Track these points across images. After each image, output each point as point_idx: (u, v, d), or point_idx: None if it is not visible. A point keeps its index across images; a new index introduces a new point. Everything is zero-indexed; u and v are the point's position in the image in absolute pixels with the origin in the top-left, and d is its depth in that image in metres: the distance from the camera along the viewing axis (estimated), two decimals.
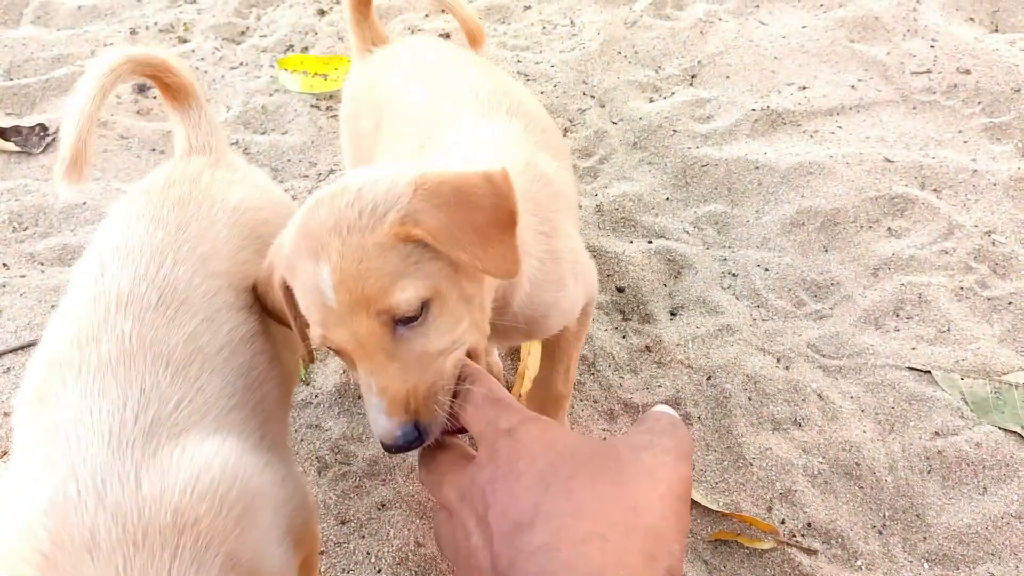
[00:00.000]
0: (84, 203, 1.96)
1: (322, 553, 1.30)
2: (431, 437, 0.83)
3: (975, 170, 1.90)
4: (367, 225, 0.83)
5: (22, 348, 1.65)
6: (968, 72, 2.20)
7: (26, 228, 1.92)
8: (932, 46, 2.30)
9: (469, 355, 0.90)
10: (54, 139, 2.15)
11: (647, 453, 0.69)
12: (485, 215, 0.85)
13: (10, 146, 2.12)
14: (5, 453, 1.48)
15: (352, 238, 0.82)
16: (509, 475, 0.69)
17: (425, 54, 1.43)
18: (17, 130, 2.16)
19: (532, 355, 1.55)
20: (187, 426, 0.80)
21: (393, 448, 0.82)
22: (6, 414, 1.54)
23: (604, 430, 1.47)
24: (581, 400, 1.51)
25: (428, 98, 1.27)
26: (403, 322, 0.83)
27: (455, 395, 0.84)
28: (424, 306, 0.83)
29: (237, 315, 0.96)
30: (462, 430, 0.83)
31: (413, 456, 1.34)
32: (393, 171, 0.88)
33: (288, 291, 0.90)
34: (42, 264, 1.84)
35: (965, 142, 2.01)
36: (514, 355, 1.61)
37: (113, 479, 0.72)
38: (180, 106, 1.15)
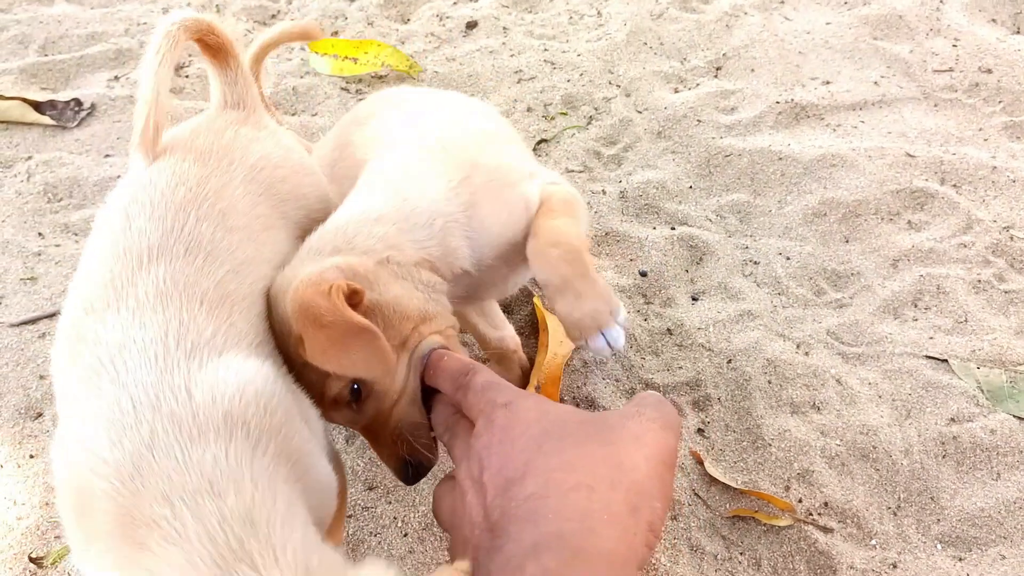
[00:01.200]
0: (117, 176, 2.00)
1: (350, 516, 1.34)
2: (426, 464, 0.99)
3: (994, 167, 1.92)
4: (285, 344, 0.97)
5: (56, 314, 1.69)
6: (990, 71, 2.22)
7: (61, 199, 1.97)
8: (955, 45, 2.32)
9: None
10: (88, 113, 2.20)
11: (634, 420, 0.74)
12: (336, 330, 0.89)
13: (46, 120, 2.17)
14: (40, 415, 1.53)
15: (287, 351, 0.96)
16: (504, 440, 0.73)
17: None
18: (52, 104, 2.20)
19: (552, 328, 1.58)
20: (226, 348, 0.84)
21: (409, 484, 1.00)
22: (42, 377, 1.58)
23: None
24: (604, 379, 1.55)
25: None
26: (353, 402, 0.97)
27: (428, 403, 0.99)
28: (357, 386, 0.96)
29: (258, 268, 0.99)
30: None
31: None
32: (283, 284, 0.98)
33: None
34: (76, 234, 1.88)
35: (985, 139, 2.03)
36: (532, 331, 1.64)
37: (165, 392, 0.76)
38: (219, 64, 1.17)
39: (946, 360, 1.54)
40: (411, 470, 0.98)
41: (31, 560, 1.32)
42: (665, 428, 0.73)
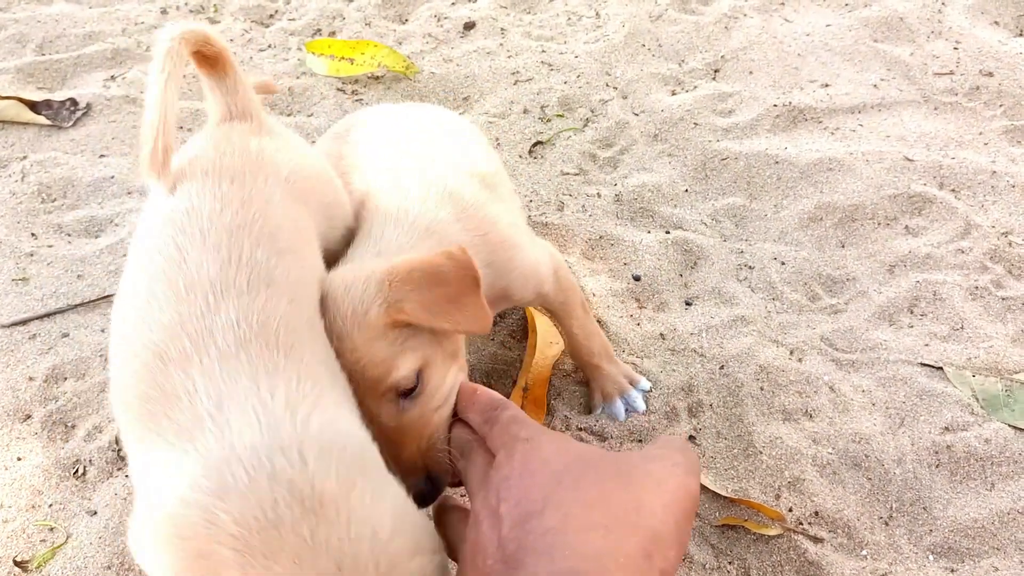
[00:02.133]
0: (112, 177, 2.00)
1: None
2: (444, 485, 0.97)
3: (994, 171, 1.90)
4: (355, 326, 0.96)
5: (48, 315, 1.69)
6: (991, 75, 2.20)
7: (54, 200, 1.96)
8: (956, 48, 2.30)
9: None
10: (84, 113, 2.19)
11: (657, 464, 0.73)
12: (455, 287, 0.99)
13: (41, 119, 2.17)
14: (28, 416, 1.52)
15: (347, 343, 0.95)
16: (524, 473, 0.73)
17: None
18: (48, 104, 2.20)
19: (541, 331, 1.58)
20: (315, 400, 0.81)
21: (421, 499, 0.93)
22: (31, 379, 1.57)
23: None
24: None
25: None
26: (404, 395, 0.97)
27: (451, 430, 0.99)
28: (419, 375, 0.97)
29: (308, 290, 0.96)
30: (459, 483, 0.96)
31: None
32: (364, 271, 1.01)
33: None
34: (69, 235, 1.88)
35: (985, 144, 2.01)
36: (523, 335, 1.63)
37: (277, 457, 0.73)
38: (216, 74, 1.12)
39: (941, 368, 1.53)
40: (427, 489, 0.97)
41: (16, 564, 1.32)
42: (688, 473, 0.73)
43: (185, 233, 0.90)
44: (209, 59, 1.11)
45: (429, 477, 0.96)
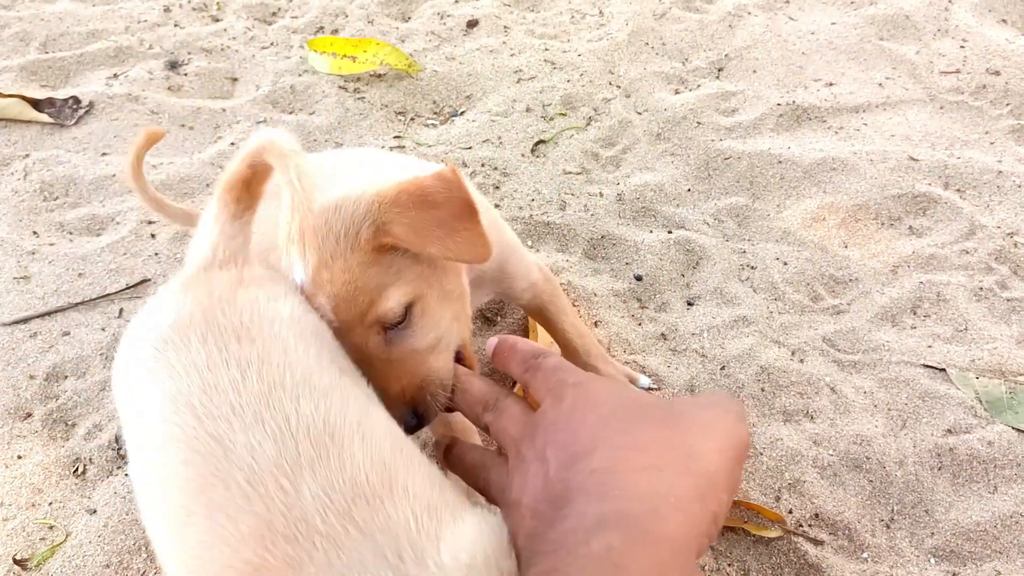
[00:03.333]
0: (113, 175, 2.00)
1: None
2: (429, 421, 0.94)
3: (1000, 171, 1.89)
4: (346, 249, 0.92)
5: (49, 314, 1.69)
6: (998, 73, 2.18)
7: (56, 198, 1.96)
8: (962, 46, 2.28)
9: (460, 356, 1.02)
10: (87, 111, 2.19)
11: (708, 411, 0.73)
12: (446, 210, 0.94)
13: (44, 117, 2.17)
14: (29, 415, 1.52)
15: (337, 265, 0.92)
16: (572, 417, 0.72)
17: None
18: (51, 102, 2.20)
19: (541, 332, 1.57)
20: (437, 531, 0.73)
21: (411, 425, 0.93)
22: (32, 377, 1.57)
23: None
24: None
25: None
26: (391, 327, 0.94)
27: (453, 391, 0.96)
28: (408, 309, 0.94)
29: (369, 411, 0.85)
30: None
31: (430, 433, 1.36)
32: (351, 193, 0.96)
33: None
34: (71, 233, 1.88)
35: (991, 143, 2.00)
36: (523, 335, 1.62)
37: None
38: (238, 211, 1.00)
39: (944, 369, 1.52)
40: (413, 422, 0.94)
41: (15, 562, 1.32)
42: (738, 421, 0.72)
43: (214, 417, 0.77)
44: (252, 194, 1.00)
45: (415, 412, 0.94)
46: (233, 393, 0.79)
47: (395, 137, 2.11)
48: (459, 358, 1.03)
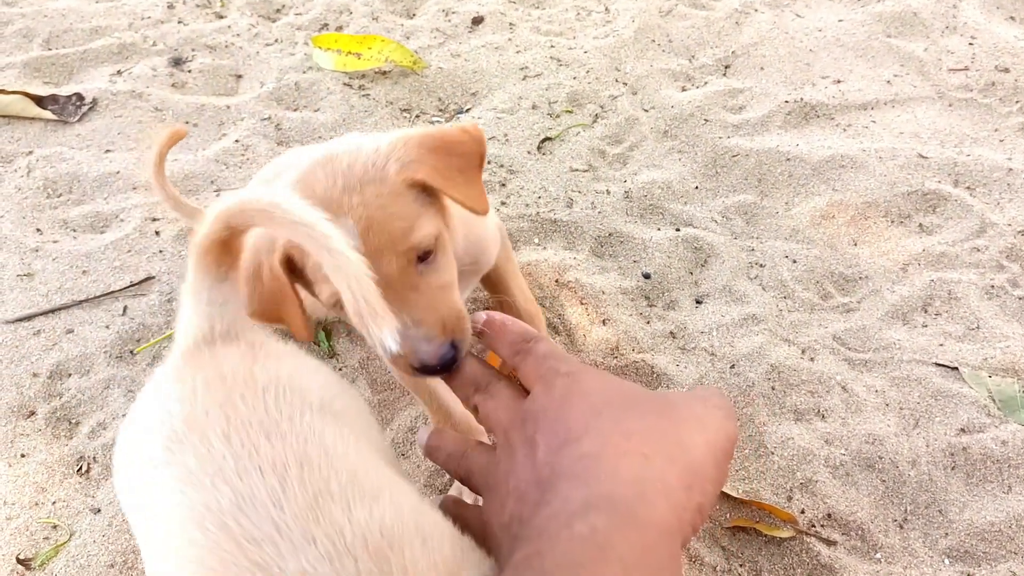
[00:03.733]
0: (117, 172, 1.99)
1: None
2: (463, 353, 0.91)
3: (1010, 168, 1.87)
4: (376, 178, 0.92)
5: (53, 311, 1.68)
6: (1007, 70, 2.17)
7: (60, 195, 1.95)
8: (971, 43, 2.27)
9: None
10: (90, 108, 2.18)
11: (699, 404, 0.73)
12: (466, 160, 0.99)
13: (47, 114, 2.15)
14: (32, 413, 1.51)
15: (368, 190, 0.90)
16: (563, 405, 0.72)
17: None
18: (54, 99, 2.19)
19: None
20: None
21: (438, 367, 0.89)
22: (35, 375, 1.56)
23: None
24: None
25: None
26: (422, 258, 0.93)
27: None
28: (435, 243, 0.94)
29: (405, 494, 0.78)
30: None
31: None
32: (370, 138, 0.97)
33: (290, 265, 0.94)
34: (74, 230, 1.87)
35: (1001, 140, 1.98)
36: None
37: None
38: (220, 274, 0.89)
39: (956, 368, 1.50)
40: (451, 355, 0.90)
41: (19, 561, 1.31)
42: (728, 417, 0.73)
43: (256, 541, 0.68)
44: (229, 245, 0.89)
45: (452, 343, 0.91)
46: (274, 508, 0.69)
47: None
48: None
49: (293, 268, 0.94)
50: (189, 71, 2.32)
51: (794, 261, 1.73)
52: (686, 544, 0.64)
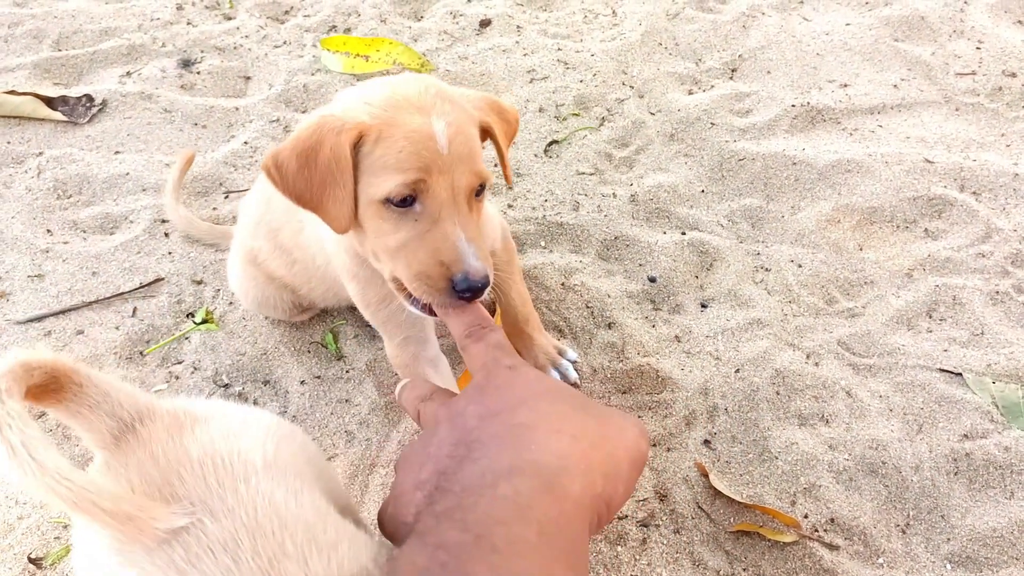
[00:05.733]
0: (127, 173, 2.00)
1: None
2: (488, 288, 0.95)
3: (1017, 174, 1.87)
4: (462, 104, 1.01)
5: (63, 312, 1.69)
6: (1014, 75, 2.17)
7: (70, 196, 1.97)
8: (978, 48, 2.27)
9: None
10: (100, 110, 2.20)
11: (620, 417, 0.76)
12: (510, 131, 1.14)
13: (57, 115, 2.17)
14: (43, 414, 1.52)
15: (456, 106, 0.98)
16: (501, 388, 0.74)
17: None
18: (64, 100, 2.21)
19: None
20: None
21: (480, 285, 0.92)
22: None
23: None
24: (602, 383, 1.52)
25: None
26: (476, 192, 0.99)
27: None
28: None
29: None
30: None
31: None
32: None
33: (354, 151, 0.96)
34: (84, 232, 1.88)
35: (1008, 145, 1.98)
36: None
37: None
38: (68, 396, 0.80)
39: (960, 374, 1.51)
40: (488, 280, 0.95)
41: (30, 561, 1.32)
42: (643, 436, 0.75)
43: None
44: (49, 387, 0.80)
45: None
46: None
47: None
48: None
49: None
50: (198, 73, 2.33)
51: (799, 265, 1.73)
52: (593, 533, 0.66)
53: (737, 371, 1.54)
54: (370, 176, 0.96)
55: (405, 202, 0.95)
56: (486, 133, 1.08)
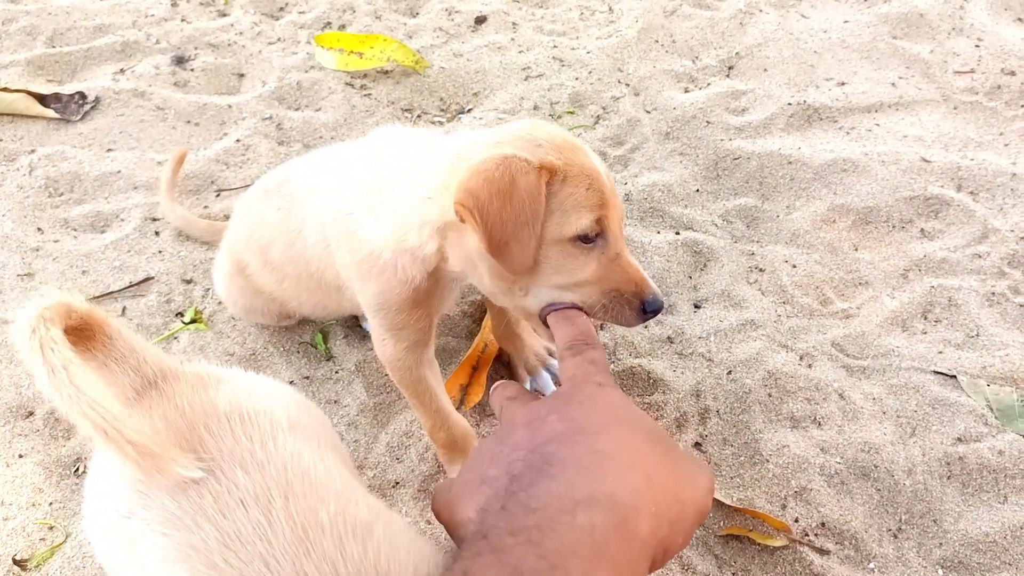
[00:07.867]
0: (119, 171, 1.99)
1: None
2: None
3: (1014, 173, 1.85)
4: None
5: None
6: (1013, 73, 2.15)
7: (61, 194, 1.96)
8: (977, 46, 2.25)
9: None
10: (93, 107, 2.18)
11: (695, 465, 0.76)
12: None
13: (49, 112, 2.16)
14: (31, 413, 1.52)
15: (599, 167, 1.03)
16: (584, 404, 0.74)
17: None
18: (57, 97, 2.19)
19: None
20: None
21: (662, 305, 1.03)
22: (34, 375, 1.56)
23: None
24: None
25: None
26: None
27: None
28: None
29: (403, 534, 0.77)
30: None
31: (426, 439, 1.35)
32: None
33: (547, 187, 0.97)
34: (75, 230, 1.87)
35: (1006, 145, 1.96)
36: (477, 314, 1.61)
37: None
38: (100, 347, 0.83)
39: (955, 376, 1.49)
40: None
41: (15, 562, 1.31)
42: (709, 493, 0.75)
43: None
44: (82, 333, 0.82)
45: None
46: (262, 543, 0.67)
47: None
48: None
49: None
50: (192, 70, 2.32)
51: (794, 266, 1.72)
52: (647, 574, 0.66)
53: (729, 373, 1.52)
54: (560, 215, 0.97)
55: (589, 238, 0.98)
56: None
